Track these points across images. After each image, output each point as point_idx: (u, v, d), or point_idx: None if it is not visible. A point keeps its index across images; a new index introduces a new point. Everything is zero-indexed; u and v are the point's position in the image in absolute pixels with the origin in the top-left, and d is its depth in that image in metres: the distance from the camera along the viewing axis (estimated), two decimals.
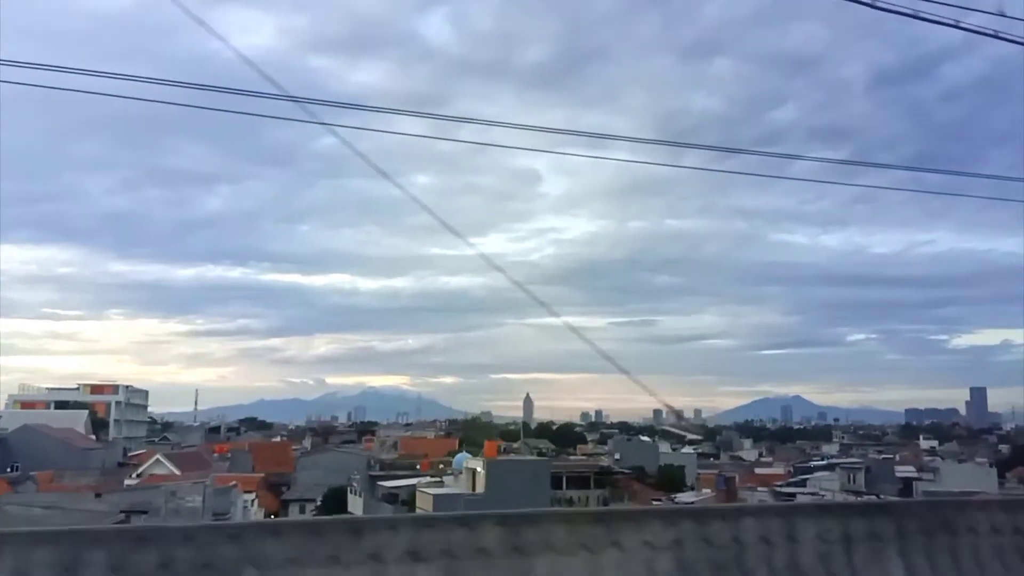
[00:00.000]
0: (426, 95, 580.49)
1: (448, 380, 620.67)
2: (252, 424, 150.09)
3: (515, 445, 79.24)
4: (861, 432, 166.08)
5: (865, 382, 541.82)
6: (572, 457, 68.73)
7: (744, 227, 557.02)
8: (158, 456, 51.86)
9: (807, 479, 55.88)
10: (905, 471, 56.08)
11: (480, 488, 41.12)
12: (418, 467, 60.98)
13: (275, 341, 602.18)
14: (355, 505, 48.93)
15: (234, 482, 44.18)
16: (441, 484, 46.98)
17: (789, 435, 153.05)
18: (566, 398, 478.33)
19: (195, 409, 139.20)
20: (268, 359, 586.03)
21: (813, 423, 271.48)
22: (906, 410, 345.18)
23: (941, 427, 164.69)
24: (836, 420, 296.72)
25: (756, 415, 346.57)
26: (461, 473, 45.79)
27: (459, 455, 52.72)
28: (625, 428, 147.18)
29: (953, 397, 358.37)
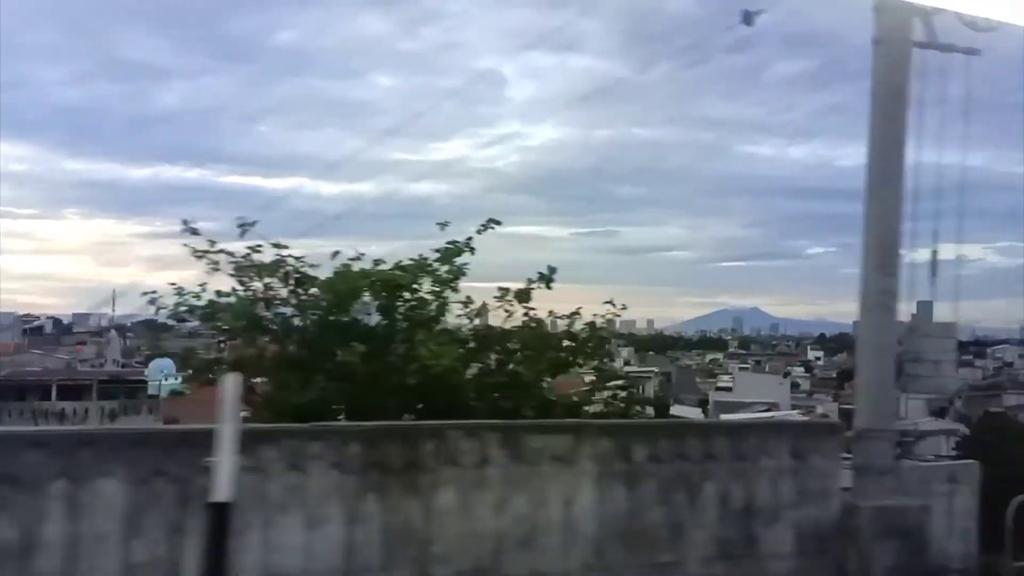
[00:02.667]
0: None
1: None
2: None
3: None
4: (787, 343, 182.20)
5: (822, 295, 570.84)
6: None
7: (711, 138, 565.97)
8: None
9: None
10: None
11: None
12: None
13: (235, 245, 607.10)
14: None
15: None
16: None
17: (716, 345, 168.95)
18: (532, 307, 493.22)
19: (112, 311, 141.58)
20: (227, 263, 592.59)
21: (763, 333, 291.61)
22: (854, 322, 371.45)
23: (848, 338, 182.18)
24: (782, 330, 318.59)
25: (713, 325, 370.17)
26: None
27: None
28: None
29: (903, 310, 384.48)
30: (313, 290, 7.16)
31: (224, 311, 7.15)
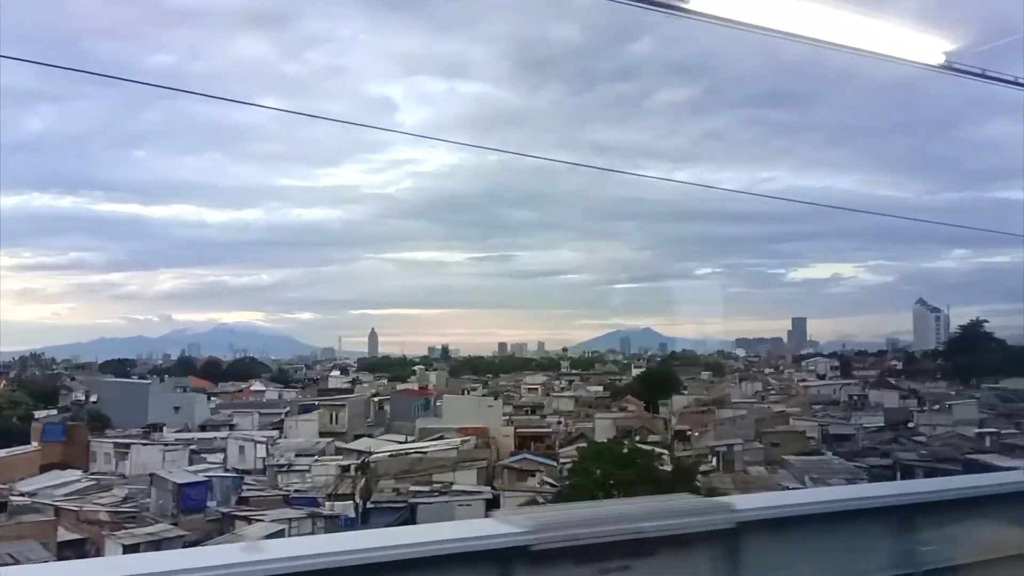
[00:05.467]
0: (271, 10, 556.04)
1: (305, 316, 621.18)
2: None
3: None
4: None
5: (710, 314, 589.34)
6: None
7: (602, 162, 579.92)
8: None
9: None
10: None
11: None
12: None
13: (115, 276, 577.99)
14: None
15: None
16: None
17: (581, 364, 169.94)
18: (427, 332, 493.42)
19: None
20: (108, 295, 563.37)
21: (649, 352, 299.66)
22: (737, 339, 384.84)
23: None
24: (666, 348, 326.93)
25: (606, 346, 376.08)
26: None
27: None
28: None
29: (780, 327, 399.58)
30: None
31: None
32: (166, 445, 43.19)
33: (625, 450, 34.93)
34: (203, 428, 58.91)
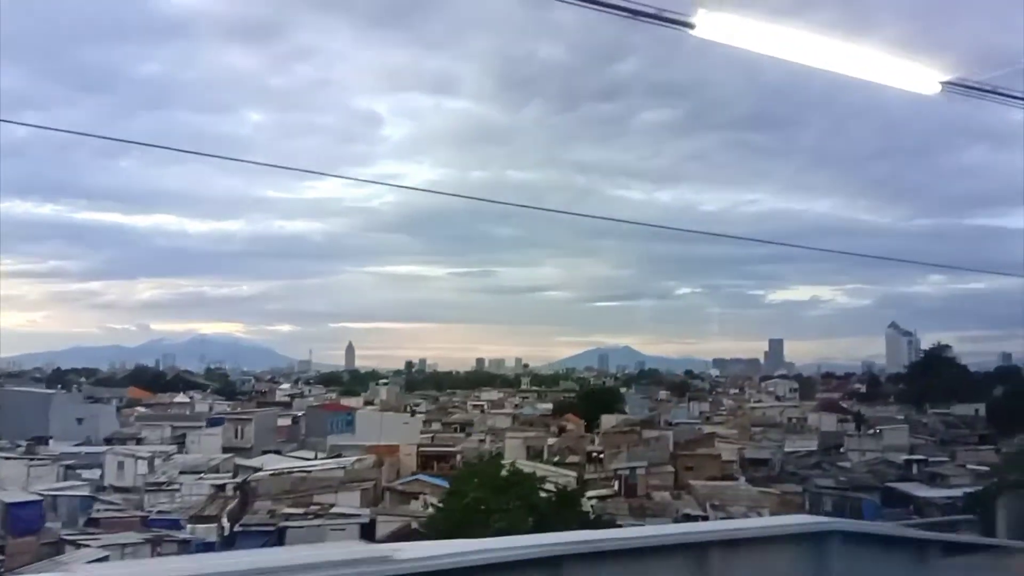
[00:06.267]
0: (261, 22, 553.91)
1: (285, 328, 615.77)
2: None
3: None
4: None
5: (689, 333, 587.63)
6: None
7: (583, 181, 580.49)
8: None
9: None
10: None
11: None
12: None
13: (94, 284, 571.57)
14: None
15: None
16: None
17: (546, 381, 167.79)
18: (407, 346, 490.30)
19: None
20: (86, 303, 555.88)
21: (627, 371, 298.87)
22: (714, 360, 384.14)
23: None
24: (644, 366, 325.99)
25: (585, 364, 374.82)
26: None
27: None
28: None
29: (759, 347, 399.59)
30: None
31: None
32: (32, 459, 40.46)
33: (503, 472, 32.64)
34: (108, 442, 56.16)
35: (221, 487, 38.04)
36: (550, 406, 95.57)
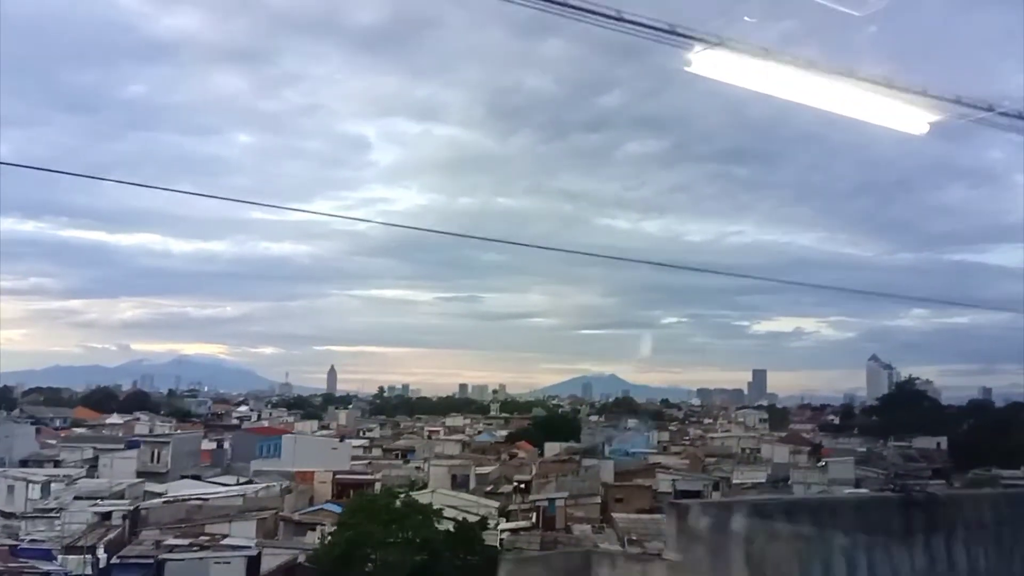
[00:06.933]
0: (249, 47, 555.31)
1: (268, 350, 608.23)
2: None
3: None
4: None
5: (674, 363, 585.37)
6: None
7: (570, 209, 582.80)
8: None
9: None
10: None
11: None
12: None
13: (74, 303, 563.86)
14: None
15: None
16: None
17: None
18: (392, 371, 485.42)
19: None
20: (66, 322, 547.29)
21: (611, 398, 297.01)
22: (698, 389, 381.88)
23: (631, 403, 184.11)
24: (628, 395, 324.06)
25: (571, 391, 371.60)
26: None
27: None
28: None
29: (743, 378, 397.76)
30: None
31: None
32: None
33: (397, 504, 30.41)
34: (24, 464, 53.55)
35: (107, 515, 35.49)
36: (505, 432, 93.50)
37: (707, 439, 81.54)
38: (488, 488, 48.71)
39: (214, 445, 55.97)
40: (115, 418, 78.35)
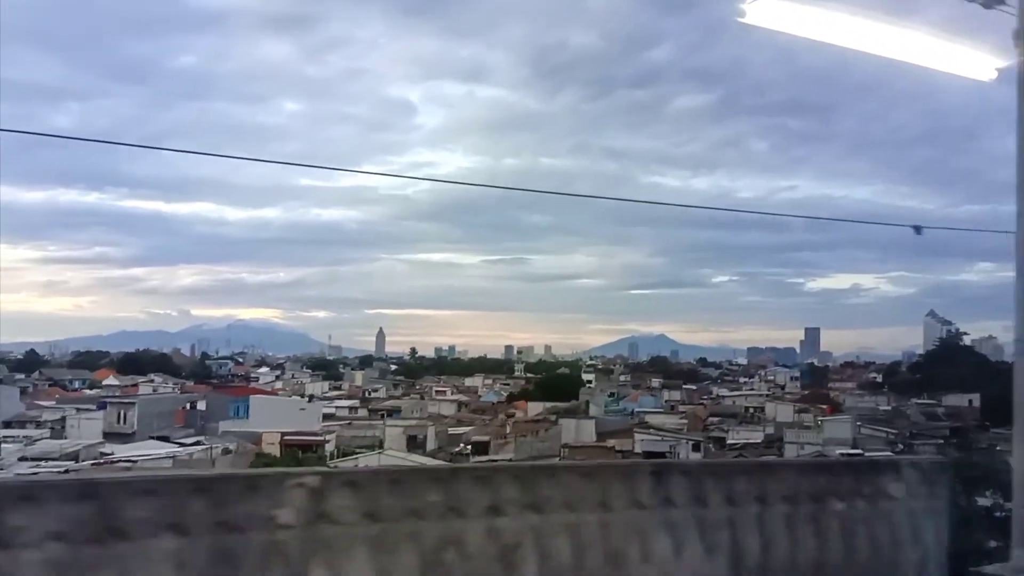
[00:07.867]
0: (294, 13, 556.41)
1: (320, 314, 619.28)
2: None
3: None
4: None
5: (725, 322, 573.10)
6: None
7: (616, 168, 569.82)
8: None
9: None
10: None
11: None
12: None
13: (137, 271, 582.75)
14: None
15: None
16: None
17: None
18: (440, 333, 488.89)
19: None
20: (129, 289, 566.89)
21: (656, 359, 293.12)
22: (748, 348, 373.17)
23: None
24: (678, 355, 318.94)
25: (617, 352, 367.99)
26: None
27: None
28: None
29: (796, 336, 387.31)
30: None
31: None
32: None
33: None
34: (7, 424, 53.69)
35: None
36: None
37: (719, 398, 77.86)
38: (455, 450, 46.63)
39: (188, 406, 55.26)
40: (112, 379, 78.95)
